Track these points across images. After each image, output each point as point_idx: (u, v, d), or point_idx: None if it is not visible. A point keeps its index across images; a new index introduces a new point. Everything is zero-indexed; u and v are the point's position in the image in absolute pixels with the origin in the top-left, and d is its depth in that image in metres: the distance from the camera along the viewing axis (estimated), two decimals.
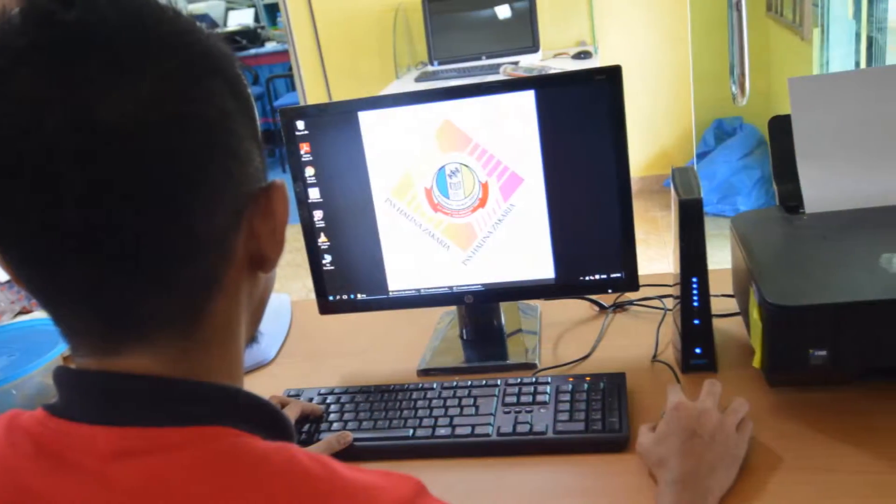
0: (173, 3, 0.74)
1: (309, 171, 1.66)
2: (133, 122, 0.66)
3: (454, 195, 1.63)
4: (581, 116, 1.55)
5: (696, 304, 1.51)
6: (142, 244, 0.69)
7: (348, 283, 1.73)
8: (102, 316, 0.73)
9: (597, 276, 1.64)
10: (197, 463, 0.70)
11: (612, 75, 1.53)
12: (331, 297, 1.75)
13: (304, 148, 1.65)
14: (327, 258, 1.72)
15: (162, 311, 0.74)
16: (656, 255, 4.82)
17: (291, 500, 0.69)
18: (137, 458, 0.70)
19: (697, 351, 1.54)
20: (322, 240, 1.70)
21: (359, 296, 1.74)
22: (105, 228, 0.67)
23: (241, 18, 10.24)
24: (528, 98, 1.55)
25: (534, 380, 1.54)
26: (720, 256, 1.84)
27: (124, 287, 0.71)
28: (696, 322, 1.52)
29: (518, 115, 1.56)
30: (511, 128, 1.57)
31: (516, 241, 1.64)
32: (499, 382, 1.55)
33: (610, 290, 1.67)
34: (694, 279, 1.49)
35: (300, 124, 1.64)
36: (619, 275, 1.63)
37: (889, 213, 1.54)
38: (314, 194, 1.67)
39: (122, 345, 0.74)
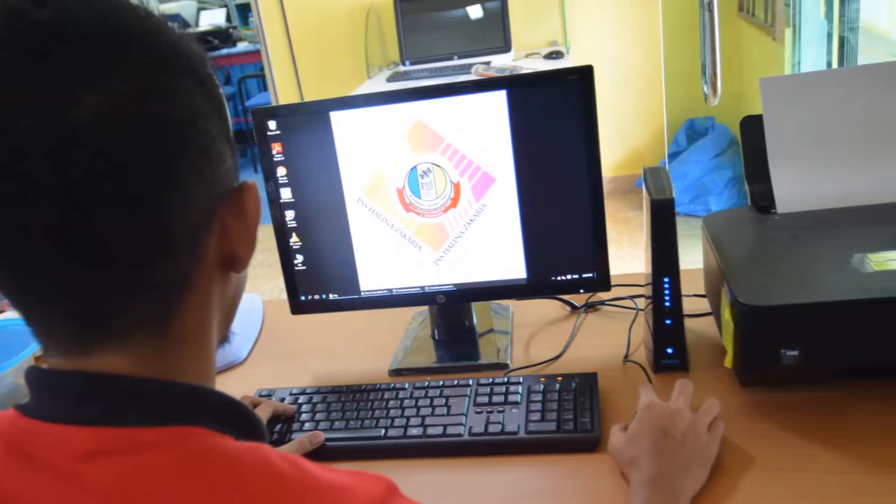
0: (145, 2, 0.74)
1: (281, 171, 1.66)
2: (105, 121, 0.66)
3: (426, 195, 1.63)
4: (553, 116, 1.55)
5: (667, 304, 1.51)
6: (114, 244, 0.69)
7: (320, 283, 1.73)
8: (74, 316, 0.72)
9: (568, 276, 1.64)
10: (169, 463, 0.70)
11: (584, 75, 1.53)
12: (303, 297, 1.75)
13: (276, 148, 1.65)
14: (299, 258, 1.71)
15: (134, 312, 0.74)
16: (628, 256, 4.84)
17: (263, 500, 0.69)
18: (109, 457, 0.70)
19: (669, 351, 1.55)
20: (294, 240, 1.70)
21: (330, 296, 1.73)
22: (77, 228, 0.67)
23: (212, 18, 10.21)
24: (499, 98, 1.55)
25: (505, 380, 1.54)
26: (692, 256, 1.85)
27: (96, 287, 0.70)
28: (667, 322, 1.53)
29: (490, 115, 1.56)
30: (483, 128, 1.57)
31: (488, 241, 1.64)
32: (470, 382, 1.55)
33: (582, 290, 1.67)
34: (666, 279, 1.50)
35: (272, 124, 1.64)
36: (590, 275, 1.63)
37: (861, 213, 1.55)
38: (286, 194, 1.67)
39: (94, 345, 0.74)
